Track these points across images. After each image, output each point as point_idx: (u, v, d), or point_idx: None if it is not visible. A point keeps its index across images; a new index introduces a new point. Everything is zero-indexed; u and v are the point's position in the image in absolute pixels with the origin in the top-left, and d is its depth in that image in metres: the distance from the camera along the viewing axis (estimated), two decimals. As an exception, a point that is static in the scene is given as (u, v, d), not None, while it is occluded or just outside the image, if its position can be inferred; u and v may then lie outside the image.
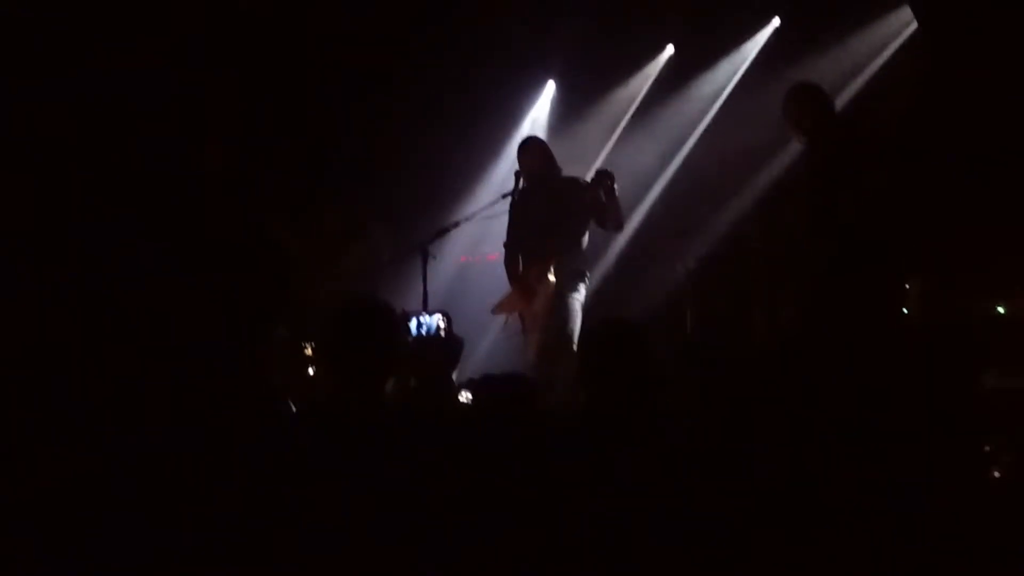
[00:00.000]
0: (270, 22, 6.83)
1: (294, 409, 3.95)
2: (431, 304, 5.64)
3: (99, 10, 5.96)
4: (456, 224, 5.86)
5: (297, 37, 6.97)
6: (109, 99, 6.00)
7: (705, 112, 7.87)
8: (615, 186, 5.26)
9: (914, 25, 6.93)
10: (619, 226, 5.58)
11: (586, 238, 5.43)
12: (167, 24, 6.31)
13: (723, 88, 7.82)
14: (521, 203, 5.47)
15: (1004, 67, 5.87)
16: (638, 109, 8.12)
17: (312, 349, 5.34)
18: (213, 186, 6.11)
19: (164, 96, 6.09)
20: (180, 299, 5.22)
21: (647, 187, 7.81)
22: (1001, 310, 5.61)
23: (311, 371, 5.28)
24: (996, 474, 3.32)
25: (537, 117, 8.49)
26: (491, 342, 6.45)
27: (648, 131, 7.97)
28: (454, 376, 5.07)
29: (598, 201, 5.25)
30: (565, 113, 8.22)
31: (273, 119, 6.91)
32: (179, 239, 5.77)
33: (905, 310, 4.89)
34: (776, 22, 7.60)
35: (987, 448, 3.56)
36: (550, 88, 8.52)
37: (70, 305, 5.24)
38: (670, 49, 8.13)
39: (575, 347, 5.04)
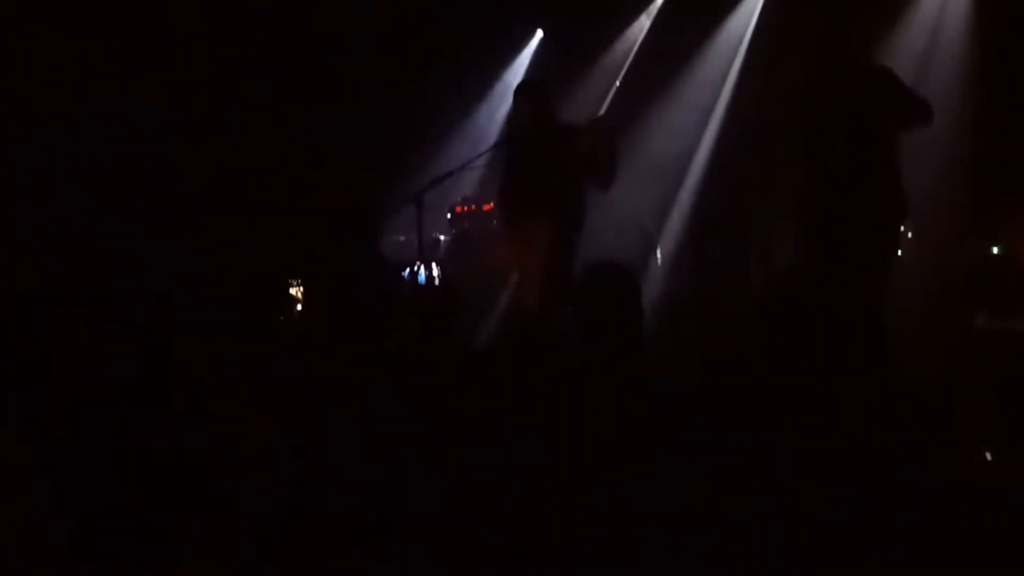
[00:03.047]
0: None
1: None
2: (425, 254, 5.62)
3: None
4: (450, 173, 5.80)
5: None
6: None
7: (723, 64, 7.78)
8: (614, 139, 5.17)
9: None
10: (608, 183, 5.18)
11: (584, 184, 5.35)
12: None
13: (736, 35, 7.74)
14: (517, 149, 5.40)
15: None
16: (639, 58, 8.07)
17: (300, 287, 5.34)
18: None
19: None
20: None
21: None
22: (996, 251, 5.63)
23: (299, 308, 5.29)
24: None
25: (523, 66, 8.46)
26: (487, 291, 6.45)
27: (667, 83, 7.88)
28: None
29: (592, 150, 5.16)
30: (556, 62, 8.16)
31: (264, 74, 6.87)
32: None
33: (900, 252, 4.89)
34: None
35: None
36: (538, 36, 8.49)
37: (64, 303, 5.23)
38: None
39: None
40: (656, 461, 2.41)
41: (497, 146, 5.57)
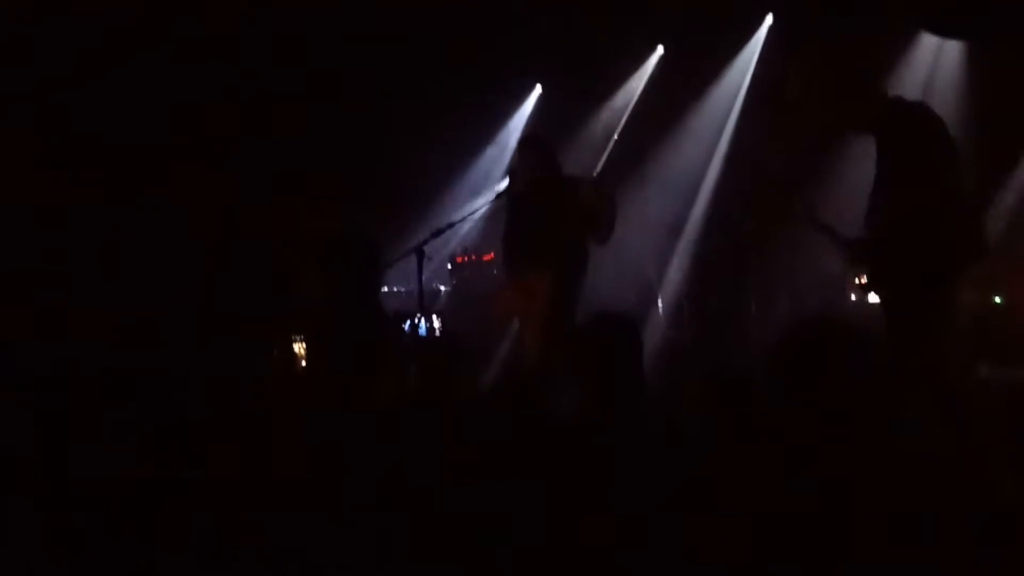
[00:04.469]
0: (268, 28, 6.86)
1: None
2: (426, 305, 5.62)
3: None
4: (451, 225, 5.84)
5: (289, 44, 6.98)
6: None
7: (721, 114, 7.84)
8: (613, 196, 5.23)
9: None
10: (605, 238, 5.26)
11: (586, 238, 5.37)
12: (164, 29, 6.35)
13: (733, 87, 7.80)
14: (520, 201, 5.43)
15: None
16: (637, 110, 8.15)
17: (302, 344, 5.36)
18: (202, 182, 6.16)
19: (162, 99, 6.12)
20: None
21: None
22: (998, 300, 5.62)
23: (302, 364, 5.31)
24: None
25: (523, 120, 8.55)
26: (488, 341, 6.45)
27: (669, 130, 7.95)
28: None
29: (593, 205, 5.20)
30: (555, 117, 8.24)
31: (264, 126, 6.93)
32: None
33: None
34: (770, 19, 7.60)
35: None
36: (536, 92, 8.59)
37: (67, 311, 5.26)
38: (660, 50, 8.15)
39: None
40: (657, 507, 2.40)
41: (498, 197, 5.60)
